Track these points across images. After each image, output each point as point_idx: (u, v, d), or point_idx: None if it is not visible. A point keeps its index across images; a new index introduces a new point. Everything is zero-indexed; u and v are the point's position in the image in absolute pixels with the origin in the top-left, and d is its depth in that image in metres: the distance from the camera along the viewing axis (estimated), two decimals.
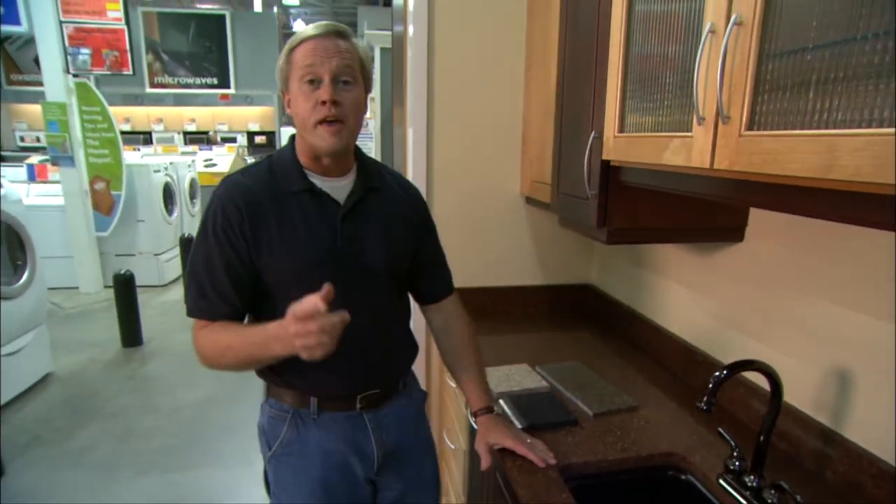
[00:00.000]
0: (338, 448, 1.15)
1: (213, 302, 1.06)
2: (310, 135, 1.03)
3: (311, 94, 1.00)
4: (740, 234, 1.34)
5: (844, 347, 1.07)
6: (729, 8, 0.78)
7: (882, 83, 0.57)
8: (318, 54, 1.00)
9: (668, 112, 0.97)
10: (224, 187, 1.07)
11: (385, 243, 1.13)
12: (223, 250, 1.04)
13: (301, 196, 1.07)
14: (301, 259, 1.06)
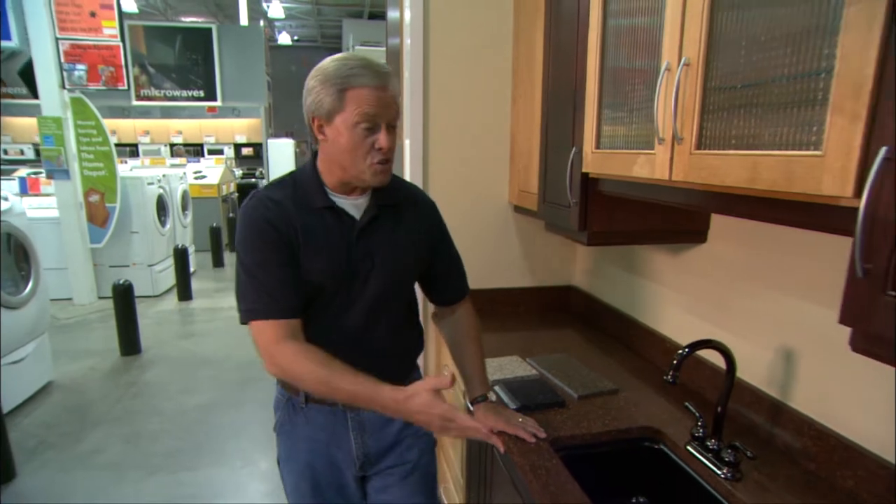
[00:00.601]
0: (320, 437, 1.26)
1: (279, 299, 1.10)
2: (357, 170, 1.10)
3: (366, 138, 1.07)
4: (703, 237, 1.53)
5: (790, 331, 1.26)
6: (680, 52, 0.96)
7: (790, 116, 0.76)
8: (379, 105, 1.05)
9: (636, 132, 1.15)
10: (258, 200, 1.14)
11: (397, 256, 1.21)
12: (276, 251, 1.11)
13: (323, 213, 1.15)
14: (321, 270, 1.13)
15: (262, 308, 1.10)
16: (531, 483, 1.12)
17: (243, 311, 1.12)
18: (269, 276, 1.11)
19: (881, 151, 0.61)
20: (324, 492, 1.29)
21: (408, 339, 1.34)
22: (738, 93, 0.86)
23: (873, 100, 0.63)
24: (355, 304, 1.19)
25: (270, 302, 1.10)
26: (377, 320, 1.22)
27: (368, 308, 1.19)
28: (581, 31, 1.38)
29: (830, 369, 1.15)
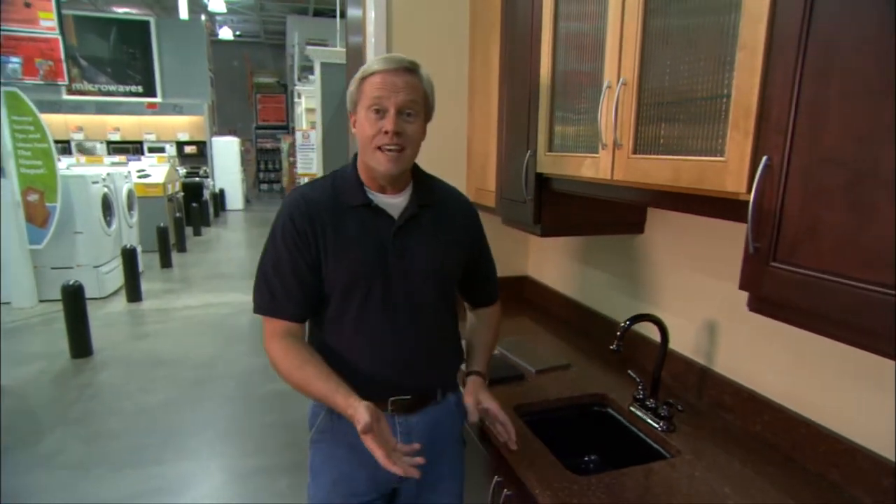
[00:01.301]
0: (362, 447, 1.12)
1: (281, 302, 1.14)
2: (369, 157, 1.12)
3: (376, 122, 1.10)
4: (641, 228, 1.75)
5: (712, 307, 1.49)
6: (618, 72, 1.16)
7: (702, 128, 0.96)
8: (386, 88, 1.09)
9: (583, 138, 1.35)
10: (292, 198, 1.16)
11: (434, 256, 1.20)
12: (291, 255, 1.13)
13: (359, 210, 1.15)
14: (353, 268, 1.14)
15: (265, 305, 1.16)
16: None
17: (255, 303, 1.17)
18: (280, 278, 1.14)
19: (763, 159, 0.82)
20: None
21: (443, 349, 1.27)
22: (665, 108, 1.06)
23: (757, 121, 0.84)
24: (389, 305, 1.16)
25: (273, 302, 1.15)
26: (411, 323, 1.19)
27: (403, 309, 1.17)
28: (534, 50, 1.57)
29: (742, 336, 1.39)
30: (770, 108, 0.83)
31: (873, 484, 1.07)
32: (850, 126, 0.73)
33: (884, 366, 1.06)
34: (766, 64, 0.83)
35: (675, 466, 1.21)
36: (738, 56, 0.87)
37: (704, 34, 0.96)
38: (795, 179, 0.80)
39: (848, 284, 0.74)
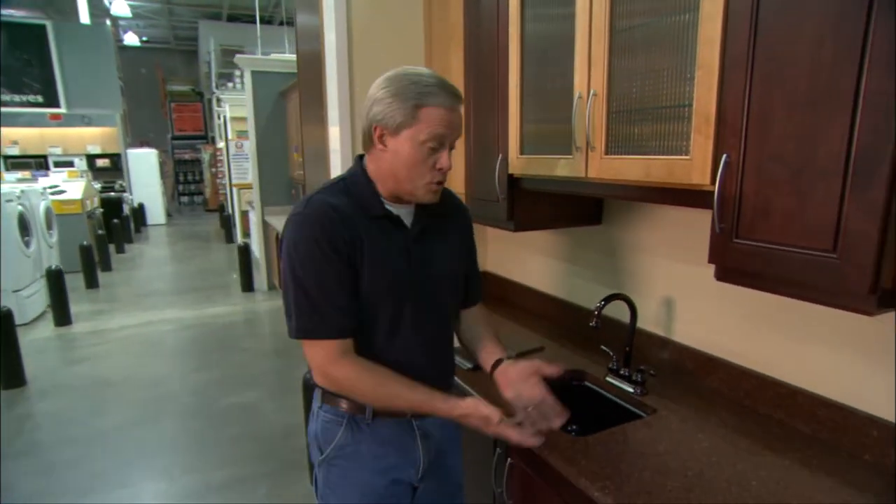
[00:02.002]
0: (387, 451, 1.21)
1: (333, 321, 1.09)
2: (414, 189, 1.11)
3: (428, 156, 1.08)
4: (599, 219, 1.95)
5: (669, 286, 1.71)
6: (588, 85, 1.34)
7: (669, 132, 1.15)
8: (451, 127, 1.08)
9: (556, 142, 1.52)
10: (318, 208, 1.08)
11: (450, 260, 1.24)
12: (334, 267, 1.07)
13: (381, 220, 1.14)
14: (384, 278, 1.12)
15: (316, 328, 1.09)
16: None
17: (296, 328, 1.10)
18: (327, 295, 1.08)
19: (723, 157, 1.02)
20: None
21: (452, 349, 1.32)
22: (634, 115, 1.25)
23: (716, 126, 1.04)
24: (417, 311, 1.18)
25: (324, 322, 1.09)
26: (435, 327, 1.23)
27: (428, 314, 1.20)
28: (501, 64, 1.73)
29: (695, 309, 1.62)
30: (726, 115, 1.03)
31: (811, 417, 1.32)
32: (790, 130, 0.93)
33: (812, 321, 1.30)
34: (721, 80, 1.02)
35: (655, 422, 1.41)
36: (698, 73, 1.06)
37: (667, 53, 1.15)
38: (750, 172, 1.00)
39: (794, 252, 0.95)
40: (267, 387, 3.90)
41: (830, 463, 1.21)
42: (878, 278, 0.85)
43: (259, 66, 5.88)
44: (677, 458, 1.23)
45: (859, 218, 0.85)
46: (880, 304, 0.88)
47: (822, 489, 1.12)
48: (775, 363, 1.42)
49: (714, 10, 1.02)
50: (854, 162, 0.84)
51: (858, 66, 0.82)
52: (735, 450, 1.27)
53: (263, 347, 4.74)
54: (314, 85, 2.72)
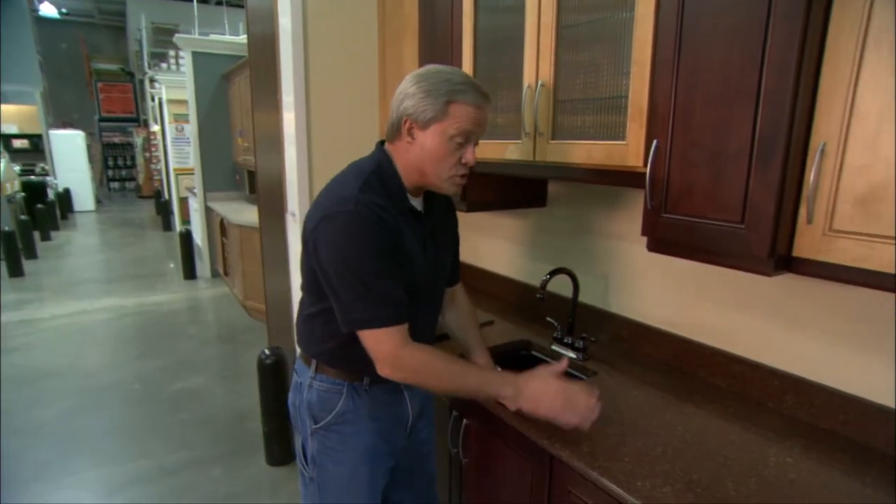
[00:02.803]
0: (384, 414, 1.32)
1: (401, 307, 1.14)
2: (437, 178, 1.18)
3: (455, 151, 1.15)
4: (544, 201, 2.10)
5: (606, 262, 1.88)
6: (537, 76, 1.47)
7: (608, 120, 1.30)
8: (479, 124, 1.15)
9: (506, 128, 1.64)
10: (368, 206, 1.10)
11: (449, 248, 1.39)
12: (390, 260, 1.13)
13: (406, 214, 1.21)
14: (413, 269, 1.20)
15: (385, 316, 1.12)
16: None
17: (361, 319, 1.12)
18: (387, 284, 1.12)
19: (654, 143, 1.17)
20: (378, 469, 1.34)
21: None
22: (578, 104, 1.39)
23: (648, 116, 1.19)
24: (429, 298, 1.30)
25: (390, 310, 1.13)
26: (434, 309, 1.37)
27: (430, 300, 1.32)
28: (455, 54, 1.83)
29: (630, 282, 1.80)
30: (656, 107, 1.18)
31: (727, 373, 1.52)
32: (708, 120, 1.09)
33: (725, 289, 1.49)
34: (652, 76, 1.17)
35: (596, 383, 1.57)
36: (633, 69, 1.21)
37: (608, 50, 1.29)
38: (676, 156, 1.15)
39: (711, 223, 1.11)
40: (215, 372, 3.88)
41: (741, 410, 1.41)
42: (775, 244, 1.02)
43: (200, 48, 5.71)
44: (615, 411, 1.39)
45: (761, 194, 1.02)
46: (777, 267, 1.05)
47: (733, 431, 1.31)
48: (697, 328, 1.61)
49: (646, 12, 1.17)
50: (757, 148, 1.01)
51: (759, 69, 0.98)
52: (664, 402, 1.45)
53: (208, 334, 4.68)
54: (266, 69, 2.72)
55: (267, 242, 3.16)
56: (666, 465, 1.16)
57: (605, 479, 1.11)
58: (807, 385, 1.35)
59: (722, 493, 1.07)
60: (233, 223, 5.05)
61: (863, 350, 1.25)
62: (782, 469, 1.16)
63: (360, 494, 1.33)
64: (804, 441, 1.27)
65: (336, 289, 1.13)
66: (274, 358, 2.63)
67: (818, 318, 1.32)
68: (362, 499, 1.33)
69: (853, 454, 1.21)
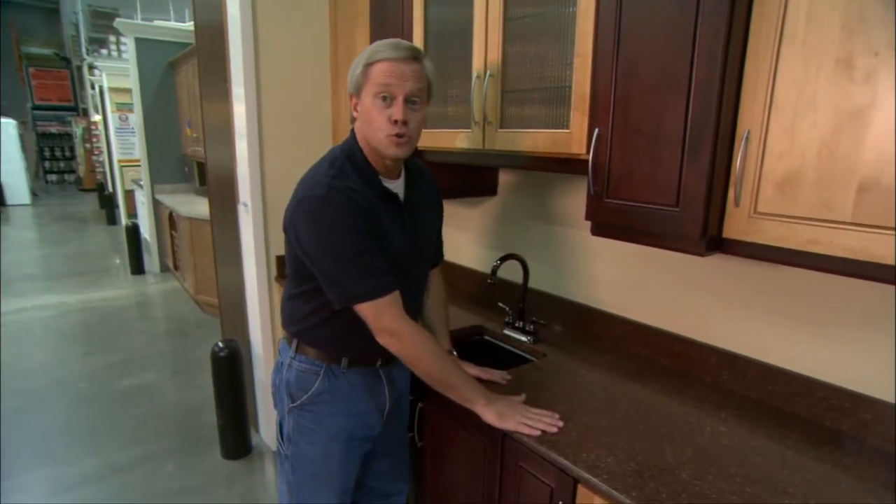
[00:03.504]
0: (359, 396, 1.34)
1: (389, 276, 1.17)
2: (377, 143, 1.18)
3: (383, 109, 1.14)
4: (495, 190, 2.15)
5: (556, 248, 1.94)
6: (485, 66, 1.50)
7: (553, 109, 1.35)
8: (394, 76, 1.13)
9: (456, 117, 1.67)
10: (340, 192, 1.13)
11: (429, 230, 1.41)
12: (371, 237, 1.16)
13: (383, 198, 1.22)
14: (392, 251, 1.22)
15: (378, 287, 1.15)
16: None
17: (356, 294, 1.15)
18: (373, 258, 1.16)
19: (596, 131, 1.22)
20: (352, 452, 1.37)
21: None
22: (524, 94, 1.43)
23: (590, 105, 1.24)
24: (411, 277, 1.31)
25: (383, 280, 1.16)
26: (419, 290, 1.42)
27: (415, 278, 1.35)
28: None
29: (577, 267, 1.86)
30: (598, 96, 1.23)
31: (668, 352, 1.60)
32: (645, 109, 1.15)
33: (664, 271, 1.58)
34: (594, 67, 1.22)
35: (546, 363, 1.63)
36: (575, 60, 1.26)
37: (552, 41, 1.33)
38: (616, 143, 1.21)
39: (650, 207, 1.17)
40: (166, 367, 3.79)
41: (682, 385, 1.49)
42: (707, 226, 1.09)
43: (144, 34, 5.49)
44: (563, 390, 1.45)
45: (693, 179, 1.08)
46: (708, 247, 1.12)
47: (673, 404, 1.39)
48: (641, 310, 1.69)
49: (588, 7, 1.21)
50: (689, 135, 1.07)
51: (690, 61, 1.05)
52: (610, 381, 1.52)
53: (159, 330, 4.55)
54: (215, 59, 2.66)
55: (218, 234, 3.10)
56: (611, 437, 1.22)
57: (552, 453, 1.17)
58: (741, 360, 1.44)
59: (661, 460, 1.14)
60: (182, 216, 4.91)
61: (789, 324, 1.35)
62: (716, 437, 1.24)
63: (333, 474, 1.36)
64: (737, 411, 1.36)
65: (324, 270, 1.17)
66: (228, 350, 2.59)
67: (748, 296, 1.42)
68: (334, 479, 1.36)
69: (778, 420, 1.31)
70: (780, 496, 1.03)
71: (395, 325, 1.18)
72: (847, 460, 1.16)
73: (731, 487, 1.05)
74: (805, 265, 1.01)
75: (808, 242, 0.98)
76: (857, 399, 1.23)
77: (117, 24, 5.44)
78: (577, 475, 1.11)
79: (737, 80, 1.04)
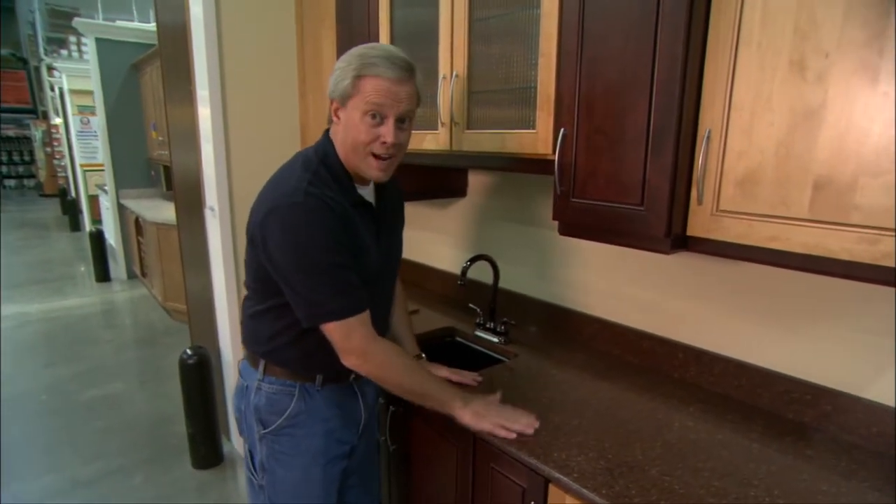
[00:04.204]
0: (335, 414, 1.28)
1: (361, 294, 1.12)
2: (359, 159, 1.12)
3: (372, 128, 1.08)
4: (465, 192, 2.15)
5: (526, 249, 1.95)
6: (451, 67, 1.50)
7: (519, 110, 1.35)
8: (389, 97, 1.07)
9: (424, 119, 1.66)
10: (316, 199, 1.08)
11: (399, 239, 1.37)
12: (346, 251, 1.10)
13: (358, 207, 1.17)
14: (367, 263, 1.17)
15: (349, 306, 1.09)
16: None
17: (326, 312, 1.09)
18: (347, 274, 1.10)
19: (561, 131, 1.23)
20: (331, 471, 1.30)
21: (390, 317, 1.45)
22: (491, 95, 1.43)
23: (556, 104, 1.25)
24: (383, 290, 1.28)
25: (353, 298, 1.10)
26: (387, 301, 1.36)
27: (385, 290, 1.31)
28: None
29: (547, 266, 1.87)
30: (562, 96, 1.23)
31: (638, 350, 1.62)
32: (609, 109, 1.16)
33: (633, 270, 1.59)
34: (558, 67, 1.23)
35: (517, 363, 1.63)
36: (540, 60, 1.26)
37: (516, 41, 1.34)
38: (581, 143, 1.22)
39: (615, 206, 1.18)
40: (133, 376, 3.69)
41: (650, 382, 1.51)
42: (671, 224, 1.10)
43: (105, 34, 5.34)
44: (534, 390, 1.46)
45: (656, 177, 1.09)
46: (673, 245, 1.14)
47: (642, 402, 1.41)
48: (610, 309, 1.70)
49: (551, 8, 1.22)
50: (652, 134, 1.08)
51: (652, 61, 1.06)
52: (580, 380, 1.52)
53: (125, 338, 4.44)
54: (179, 60, 2.59)
55: (185, 240, 3.03)
56: (581, 436, 1.23)
57: (522, 454, 1.17)
58: (707, 356, 1.47)
59: (630, 457, 1.15)
60: (149, 221, 4.79)
61: (753, 322, 1.37)
62: (684, 431, 1.26)
63: (314, 497, 1.28)
64: (703, 406, 1.38)
65: (293, 283, 1.10)
66: (197, 357, 2.54)
67: (714, 292, 1.44)
68: (316, 501, 1.29)
69: (743, 413, 1.34)
70: (746, 488, 1.05)
71: (364, 346, 1.13)
72: (809, 451, 1.18)
73: (699, 482, 1.07)
74: (766, 261, 1.03)
75: (768, 239, 1.00)
76: (818, 391, 1.26)
77: (76, 24, 5.29)
78: (548, 475, 1.12)
79: (697, 81, 1.05)
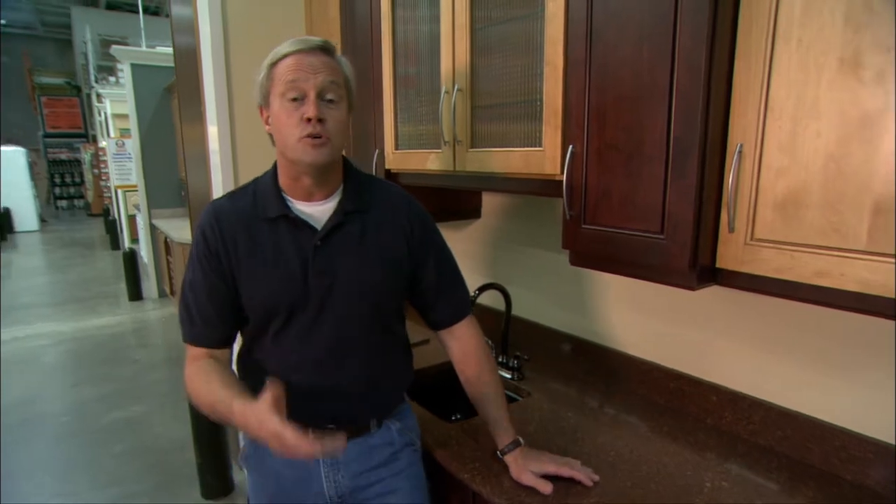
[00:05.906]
0: (287, 474, 1.11)
1: (198, 328, 1.04)
2: (291, 151, 0.98)
3: (294, 110, 0.97)
4: (479, 213, 2.01)
5: (542, 274, 1.79)
6: (453, 81, 1.37)
7: (524, 125, 1.21)
8: (302, 69, 0.96)
9: (427, 137, 1.54)
10: (206, 211, 1.04)
11: (361, 271, 1.04)
12: (206, 276, 1.02)
13: (277, 223, 1.02)
14: (268, 290, 1.01)
15: (186, 332, 1.06)
16: None
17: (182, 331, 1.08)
18: (196, 301, 1.04)
19: (570, 148, 1.08)
20: None
21: (389, 373, 1.15)
22: (495, 110, 1.29)
23: (564, 119, 1.10)
24: (315, 334, 1.04)
25: (192, 328, 1.05)
26: (345, 353, 1.06)
27: (331, 338, 1.04)
28: (375, 61, 1.73)
29: (565, 295, 1.71)
30: (570, 109, 1.09)
31: (665, 390, 1.44)
32: (622, 121, 1.01)
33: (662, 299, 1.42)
34: (565, 77, 1.09)
35: (529, 404, 1.48)
36: (546, 69, 1.12)
37: (521, 51, 1.20)
38: (592, 160, 1.07)
39: (631, 234, 1.03)
40: (157, 399, 3.66)
41: (679, 427, 1.33)
42: (696, 256, 0.94)
43: (139, 59, 5.48)
44: (546, 437, 1.29)
45: (678, 200, 0.93)
46: (700, 280, 0.97)
47: (668, 452, 1.22)
48: (633, 342, 1.53)
49: (556, 10, 1.08)
50: (672, 150, 0.93)
51: (670, 67, 0.91)
52: (597, 424, 1.36)
53: (155, 358, 4.44)
54: (191, 81, 2.57)
55: None
56: (594, 497, 1.06)
57: None
58: (745, 400, 1.28)
59: None
60: (175, 241, 4.83)
61: (799, 364, 1.18)
62: (717, 495, 1.07)
63: None
64: (741, 460, 1.19)
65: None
66: None
67: (751, 330, 1.26)
68: None
69: (790, 472, 1.14)
70: None
71: (185, 370, 1.05)
72: None
73: None
74: (813, 300, 0.86)
75: (815, 275, 0.83)
76: (881, 449, 1.06)
77: (113, 52, 5.44)
78: None
79: (725, 88, 0.90)
